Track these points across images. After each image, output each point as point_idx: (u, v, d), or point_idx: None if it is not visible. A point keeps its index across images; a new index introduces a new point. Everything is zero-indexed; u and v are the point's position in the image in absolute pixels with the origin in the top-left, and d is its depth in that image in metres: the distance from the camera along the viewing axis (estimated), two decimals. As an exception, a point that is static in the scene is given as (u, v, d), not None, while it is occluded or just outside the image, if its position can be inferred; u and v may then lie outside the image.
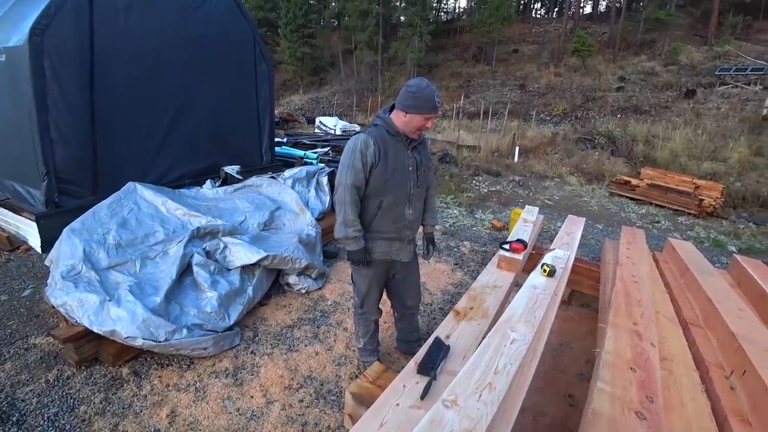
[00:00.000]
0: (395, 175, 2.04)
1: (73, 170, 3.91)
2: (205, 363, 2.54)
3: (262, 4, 34.99)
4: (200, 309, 2.67)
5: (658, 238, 6.03)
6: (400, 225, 2.14)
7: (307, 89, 32.35)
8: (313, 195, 4.69)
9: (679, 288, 2.81)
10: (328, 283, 3.67)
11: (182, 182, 4.80)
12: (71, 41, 3.76)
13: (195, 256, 2.98)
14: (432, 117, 1.98)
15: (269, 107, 6.43)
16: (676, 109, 16.97)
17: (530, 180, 10.09)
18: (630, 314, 2.01)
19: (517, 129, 15.45)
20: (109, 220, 3.16)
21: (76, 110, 3.87)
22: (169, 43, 4.65)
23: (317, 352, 2.73)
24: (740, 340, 1.86)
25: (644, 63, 23.11)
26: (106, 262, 2.79)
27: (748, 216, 8.07)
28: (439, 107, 1.97)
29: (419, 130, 2.01)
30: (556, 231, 4.56)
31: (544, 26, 33.09)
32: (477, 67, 28.50)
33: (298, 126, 19.26)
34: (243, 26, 5.77)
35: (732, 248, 5.95)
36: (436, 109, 1.95)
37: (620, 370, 1.56)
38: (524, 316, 1.74)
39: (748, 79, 17.99)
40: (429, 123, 1.99)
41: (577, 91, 21.58)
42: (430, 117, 1.97)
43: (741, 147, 11.56)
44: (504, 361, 1.41)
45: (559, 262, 2.39)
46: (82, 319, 2.33)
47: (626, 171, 10.84)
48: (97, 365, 2.46)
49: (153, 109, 4.60)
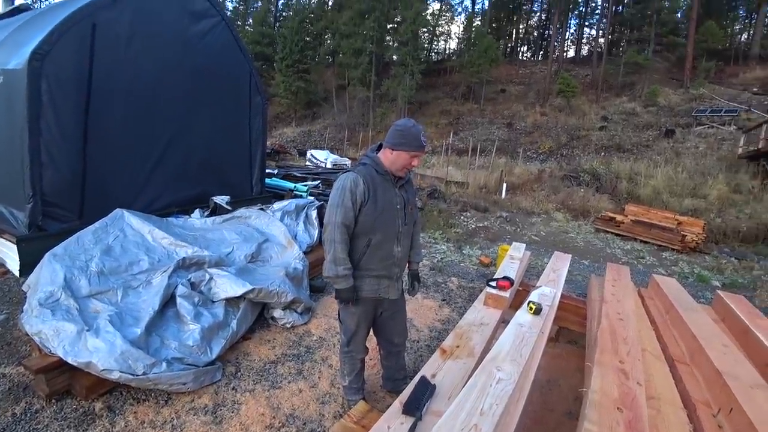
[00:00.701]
0: (384, 214, 2.06)
1: (60, 193, 3.87)
2: (183, 399, 2.44)
3: (260, 39, 36.13)
4: (182, 342, 2.60)
5: (644, 273, 6.10)
6: (389, 263, 2.15)
7: (299, 122, 32.91)
8: (301, 228, 4.69)
9: (664, 324, 2.83)
10: (314, 318, 3.61)
11: (171, 210, 4.77)
12: (70, 67, 3.82)
13: (179, 287, 2.92)
14: (418, 155, 2.03)
15: (261, 139, 6.52)
16: (656, 148, 17.58)
17: (517, 216, 10.24)
18: (616, 352, 2.01)
19: (504, 166, 15.80)
20: (93, 246, 3.10)
21: (69, 135, 3.87)
22: (168, 74, 4.75)
23: (301, 390, 2.65)
24: (725, 377, 1.86)
25: (625, 104, 24.11)
26: (87, 289, 2.72)
27: (730, 251, 8.24)
28: (425, 146, 2.03)
29: (405, 168, 2.06)
30: (543, 267, 4.60)
31: (530, 68, 34.54)
32: (466, 105, 29.42)
33: (289, 158, 19.46)
34: (240, 60, 5.93)
35: (716, 283, 6.03)
36: (422, 148, 2.01)
37: (607, 410, 1.55)
38: (510, 354, 1.73)
39: (723, 119, 18.86)
40: (415, 161, 2.04)
41: (563, 130, 22.30)
42: (416, 155, 2.02)
43: (719, 184, 11.94)
44: (490, 401, 1.39)
45: (545, 300, 2.40)
46: (56, 349, 2.24)
47: (611, 207, 11.07)
48: (68, 398, 2.35)
49: (146, 137, 4.63)
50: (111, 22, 4.11)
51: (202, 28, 5.21)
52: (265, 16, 39.43)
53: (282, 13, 43.33)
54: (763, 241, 8.78)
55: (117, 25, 4.17)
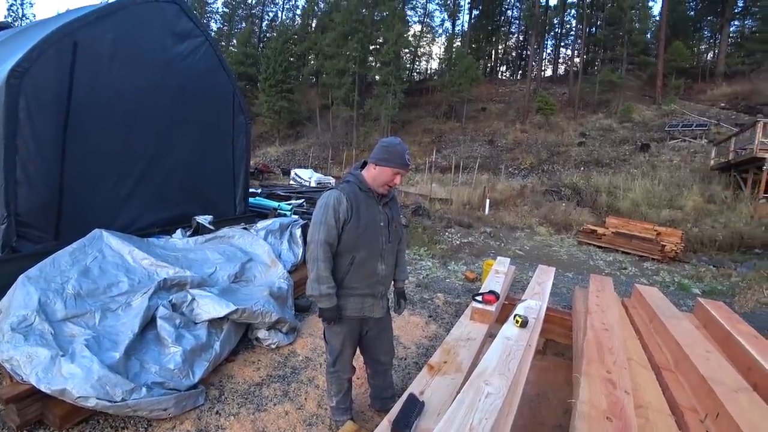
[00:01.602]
0: (367, 231, 2.05)
1: (35, 213, 3.75)
2: (164, 425, 2.35)
3: (243, 59, 36.38)
4: (162, 365, 2.51)
5: (626, 283, 6.20)
6: (373, 281, 2.13)
7: (283, 141, 32.97)
8: (285, 247, 4.64)
9: (648, 333, 2.86)
10: (300, 337, 3.54)
11: (152, 231, 4.67)
12: (50, 85, 3.76)
13: (160, 309, 2.84)
14: (400, 172, 2.05)
15: (245, 158, 6.49)
16: (633, 162, 18.12)
17: (501, 231, 10.35)
18: (603, 362, 2.02)
19: (487, 182, 16.06)
20: (69, 267, 3.00)
21: (47, 153, 3.78)
22: (149, 93, 4.72)
23: (287, 412, 2.58)
24: (710, 382, 1.88)
25: (602, 120, 24.93)
26: (62, 313, 2.61)
27: (708, 259, 8.46)
28: (408, 164, 2.05)
29: (387, 184, 2.06)
30: (528, 280, 4.63)
31: (509, 87, 35.51)
32: (448, 123, 29.97)
33: (273, 177, 19.40)
34: (223, 80, 5.94)
35: (696, 291, 6.16)
36: (405, 166, 2.03)
37: (596, 421, 1.54)
38: (498, 368, 1.72)
39: (694, 133, 19.64)
40: (397, 179, 2.05)
41: (543, 146, 22.85)
42: (399, 172, 2.04)
43: (694, 195, 12.33)
44: (479, 416, 1.37)
45: (531, 313, 2.41)
46: (29, 377, 2.14)
47: (592, 220, 11.29)
48: (41, 429, 2.23)
49: (126, 156, 4.56)
50: (93, 40, 4.09)
51: (186, 49, 5.22)
52: (249, 36, 39.82)
53: (266, 34, 43.93)
54: (739, 248, 9.05)
55: (99, 44, 4.15)
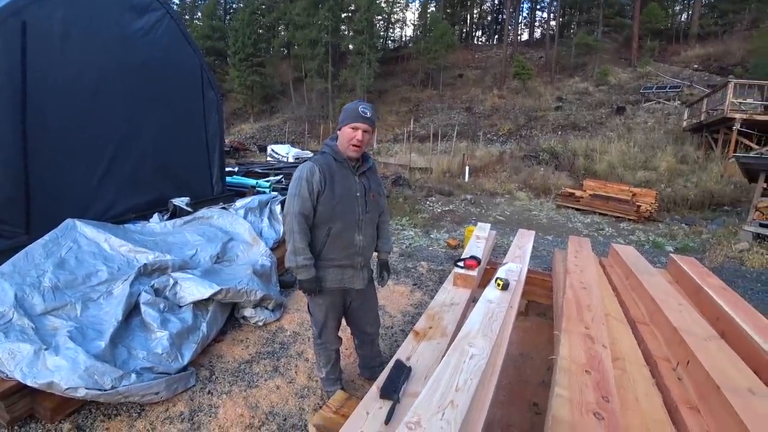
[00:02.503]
0: (342, 202, 2.05)
1: (2, 208, 3.59)
2: (157, 409, 2.36)
3: (210, 33, 34.79)
4: (150, 351, 2.50)
5: (604, 244, 6.40)
6: (351, 252, 2.13)
7: (257, 117, 32.09)
8: (266, 224, 4.59)
9: (625, 290, 2.98)
10: (286, 313, 3.57)
11: (127, 217, 4.54)
12: (1, 70, 3.53)
13: (142, 295, 2.81)
14: (358, 126, 1.98)
15: (218, 136, 6.30)
16: (609, 125, 18.37)
17: (481, 198, 10.46)
18: (581, 319, 2.10)
19: (466, 150, 16.08)
20: (44, 260, 2.91)
21: (6, 144, 3.58)
22: (110, 73, 4.47)
23: (278, 386, 2.62)
24: (682, 333, 1.98)
25: (578, 84, 25.01)
26: (41, 307, 2.56)
27: (680, 218, 8.78)
28: (364, 116, 1.98)
29: (352, 144, 2.01)
30: (509, 245, 4.72)
31: (485, 52, 35.07)
32: (425, 92, 29.61)
33: (249, 155, 18.99)
34: (189, 54, 5.67)
35: (669, 248, 6.41)
36: (360, 118, 1.97)
37: (576, 374, 1.61)
38: (481, 330, 1.77)
39: (668, 95, 19.95)
40: (358, 134, 1.98)
41: (520, 111, 22.89)
42: (357, 126, 1.98)
43: (668, 156, 12.65)
44: (464, 377, 1.42)
45: (512, 275, 2.47)
46: (13, 373, 2.10)
47: (570, 184, 11.51)
48: (33, 423, 2.22)
49: (93, 141, 4.36)
50: (42, 19, 3.82)
51: (146, 23, 4.93)
52: (214, 8, 37.93)
53: (232, 5, 41.87)
54: (709, 206, 9.40)
55: (49, 23, 3.88)
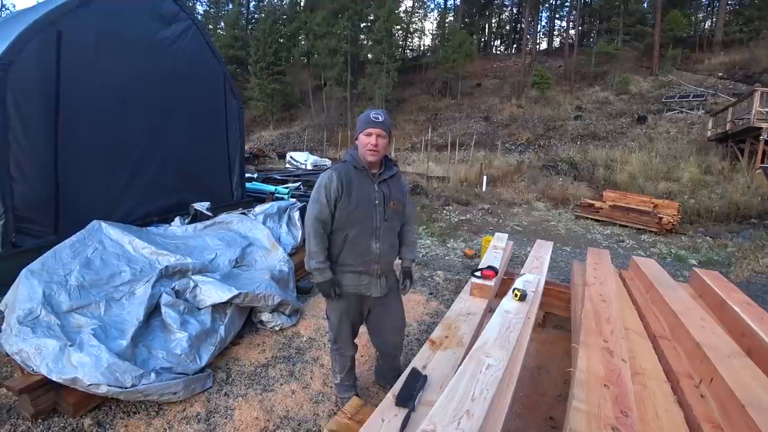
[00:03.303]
0: (359, 209, 2.07)
1: (33, 208, 3.75)
2: (175, 408, 2.41)
3: (233, 42, 35.62)
4: (169, 351, 2.56)
5: (624, 256, 6.26)
6: (367, 259, 2.13)
7: (277, 125, 32.61)
8: (284, 230, 4.66)
9: (645, 303, 2.92)
10: (303, 319, 3.60)
11: (150, 220, 4.67)
12: (36, 78, 3.70)
13: (163, 296, 2.87)
14: (371, 132, 2.00)
15: (239, 143, 6.44)
16: (630, 135, 18.05)
17: (499, 207, 10.37)
18: (600, 332, 2.06)
19: (483, 159, 15.99)
20: (71, 260, 3.02)
21: (39, 147, 3.75)
22: (138, 81, 4.65)
23: (293, 391, 2.64)
24: (705, 348, 1.93)
25: (598, 93, 24.69)
26: (67, 304, 2.65)
27: (705, 231, 8.53)
28: (376, 121, 2.00)
29: (367, 149, 2.03)
30: (526, 256, 4.68)
31: (504, 61, 35.00)
32: (443, 100, 29.65)
33: (268, 161, 19.29)
34: (213, 63, 5.84)
35: (693, 262, 6.24)
36: (372, 123, 2.00)
37: (594, 388, 1.59)
38: (498, 341, 1.76)
39: (691, 104, 19.52)
40: (372, 139, 2.00)
41: (539, 121, 22.68)
42: (370, 132, 2.01)
43: (691, 167, 12.34)
44: (480, 387, 1.41)
45: (529, 286, 2.45)
46: (39, 368, 2.18)
47: (589, 194, 11.32)
48: (55, 417, 2.29)
49: (120, 146, 4.52)
50: (77, 28, 4.00)
51: (172, 33, 5.11)
52: (236, 18, 38.86)
53: (254, 15, 42.83)
54: (735, 219, 9.11)
55: (83, 32, 4.06)
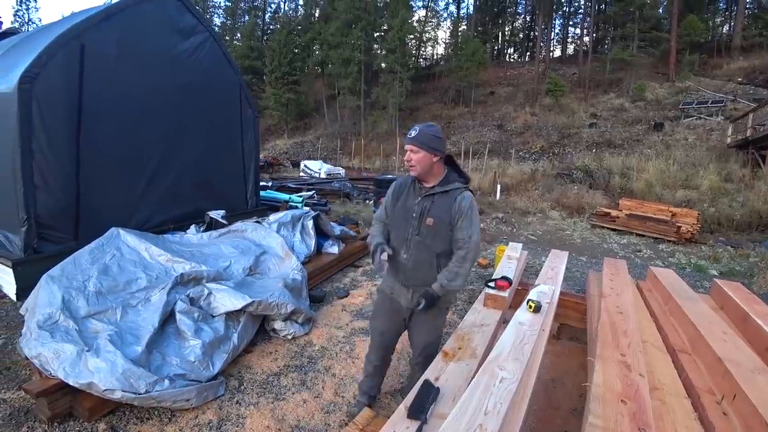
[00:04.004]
0: (396, 218, 2.19)
1: (54, 216, 3.86)
2: (187, 415, 2.42)
3: (248, 53, 36.34)
4: (183, 358, 2.58)
5: (641, 266, 6.13)
6: (396, 266, 2.19)
7: (291, 134, 33.02)
8: (298, 239, 4.68)
9: (664, 315, 2.84)
10: (315, 328, 3.60)
11: (166, 227, 4.77)
12: (61, 89, 3.83)
13: (178, 303, 2.91)
14: (406, 148, 2.05)
15: (254, 152, 6.54)
16: (647, 142, 17.76)
17: (513, 216, 10.28)
18: (617, 345, 2.02)
19: (497, 167, 15.91)
20: (90, 266, 3.09)
21: (62, 156, 3.88)
22: (157, 91, 4.78)
23: (305, 400, 2.64)
24: (727, 363, 1.87)
25: (613, 100, 24.39)
26: (85, 310, 2.70)
27: (725, 240, 8.30)
28: (408, 136, 2.04)
29: (407, 165, 2.08)
30: (540, 265, 4.62)
31: (517, 69, 34.90)
32: (456, 109, 29.65)
33: (283, 170, 19.51)
34: (229, 74, 5.97)
35: (713, 272, 6.07)
36: (406, 139, 2.05)
37: (611, 403, 1.55)
38: (512, 353, 1.73)
39: (710, 110, 19.13)
40: (406, 155, 2.05)
41: (553, 128, 22.50)
42: (405, 148, 2.05)
43: (711, 174, 12.06)
44: (494, 400, 1.39)
45: (544, 297, 2.41)
46: (57, 372, 2.22)
47: (605, 203, 11.15)
48: (71, 421, 2.32)
49: (138, 155, 4.64)
50: (99, 42, 4.14)
51: (191, 45, 5.25)
52: (252, 30, 39.69)
53: (269, 26, 43.67)
54: (757, 228, 8.86)
55: (105, 45, 4.20)
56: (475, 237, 2.05)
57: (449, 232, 2.08)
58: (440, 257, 2.12)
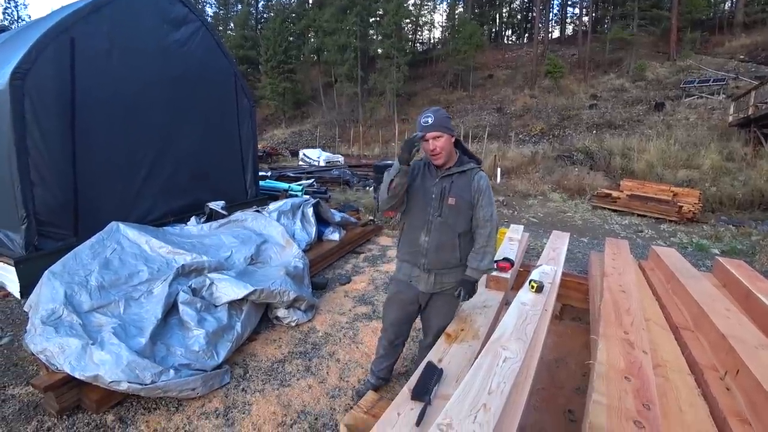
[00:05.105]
0: (415, 200, 2.13)
1: (53, 212, 3.85)
2: (194, 404, 2.44)
3: (243, 42, 35.87)
4: (187, 348, 2.60)
5: (643, 246, 6.13)
6: (414, 250, 2.15)
7: (289, 123, 32.77)
8: (299, 227, 4.68)
9: (666, 294, 2.85)
10: (318, 314, 3.61)
11: (166, 220, 4.76)
12: (52, 85, 3.78)
13: (180, 294, 2.92)
14: (428, 137, 1.99)
15: (252, 142, 6.50)
16: (647, 122, 17.59)
17: (514, 199, 10.25)
18: (620, 323, 2.02)
19: (497, 151, 15.79)
20: (91, 261, 3.09)
21: (57, 152, 3.84)
22: (150, 84, 4.71)
23: (310, 386, 2.66)
24: (731, 340, 1.87)
25: (613, 81, 24.09)
26: (88, 304, 2.71)
27: (727, 219, 8.28)
28: (425, 125, 1.98)
29: (431, 156, 2.04)
30: (542, 248, 4.61)
31: (516, 51, 34.41)
32: (455, 93, 29.35)
33: (281, 159, 19.42)
34: (223, 64, 5.89)
35: (715, 251, 6.06)
36: (424, 128, 1.98)
37: (614, 381, 1.55)
38: (515, 333, 1.73)
39: (712, 89, 18.88)
40: (429, 144, 1.99)
41: (553, 110, 22.28)
42: (426, 137, 1.99)
43: (712, 154, 11.97)
44: (497, 380, 1.40)
45: (546, 278, 2.41)
46: (63, 366, 2.24)
47: (606, 184, 11.10)
48: (79, 413, 2.34)
49: (135, 148, 4.60)
50: (89, 35, 4.07)
51: (183, 35, 5.17)
52: (246, 19, 39.13)
53: (263, 15, 42.98)
54: (759, 206, 8.83)
55: (95, 38, 4.13)
56: (495, 215, 2.11)
57: (470, 211, 2.09)
58: (462, 237, 2.12)
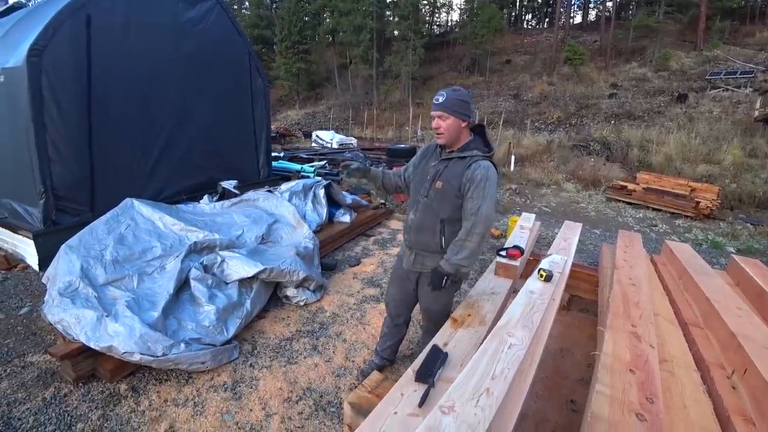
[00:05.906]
0: (414, 179, 2.21)
1: (70, 188, 3.92)
2: (203, 377, 2.51)
3: (258, 21, 35.58)
4: (198, 323, 2.66)
5: (656, 241, 6.04)
6: (405, 227, 2.24)
7: (303, 104, 32.67)
8: (310, 208, 4.70)
9: (677, 290, 2.81)
10: (327, 295, 3.66)
11: (179, 198, 4.81)
12: (69, 61, 3.81)
13: (192, 271, 2.97)
14: (433, 114, 1.98)
15: (265, 122, 6.49)
16: (668, 114, 17.13)
17: (527, 188, 10.14)
18: (628, 316, 2.00)
19: (512, 138, 15.56)
20: (106, 236, 3.16)
21: (74, 128, 3.89)
22: (165, 61, 4.72)
23: (316, 364, 2.71)
24: (740, 338, 1.85)
25: (635, 70, 23.42)
26: (103, 278, 2.78)
27: (746, 217, 8.10)
28: (435, 102, 1.96)
29: (435, 133, 2.02)
30: (553, 237, 4.57)
31: (535, 36, 33.58)
32: (471, 78, 28.85)
33: (294, 140, 19.43)
34: (238, 43, 5.85)
35: (730, 249, 5.95)
36: (433, 105, 1.98)
37: (619, 373, 1.55)
38: (521, 321, 1.74)
39: (738, 82, 18.23)
40: (434, 122, 1.98)
41: (571, 99, 21.80)
42: (432, 115, 1.99)
43: (734, 149, 11.64)
44: (502, 366, 1.40)
45: (556, 267, 2.39)
46: (79, 336, 2.32)
47: (622, 176, 10.90)
48: (94, 382, 2.43)
49: (149, 126, 4.64)
50: (105, 12, 4.07)
51: (197, 13, 5.13)
52: (262, -3, 38.70)
53: (279, -7, 42.42)
54: (780, 205, 8.61)
55: (111, 15, 4.13)
56: (484, 210, 1.90)
57: (457, 199, 1.98)
58: (445, 224, 2.04)
